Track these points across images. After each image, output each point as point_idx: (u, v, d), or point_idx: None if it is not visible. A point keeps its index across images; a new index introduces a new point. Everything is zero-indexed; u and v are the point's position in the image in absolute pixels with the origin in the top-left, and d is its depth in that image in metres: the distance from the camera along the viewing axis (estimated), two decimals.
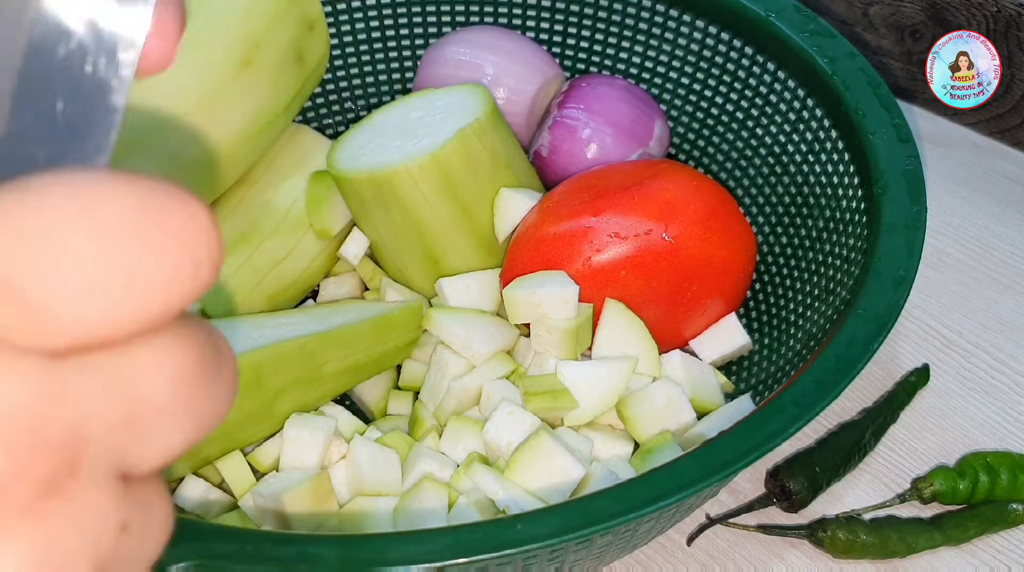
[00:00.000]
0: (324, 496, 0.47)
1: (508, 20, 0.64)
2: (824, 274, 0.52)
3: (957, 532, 0.51)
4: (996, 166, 0.71)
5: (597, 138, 0.58)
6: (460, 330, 0.51)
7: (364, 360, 0.52)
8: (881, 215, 0.47)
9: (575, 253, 0.51)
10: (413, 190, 0.51)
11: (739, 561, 0.51)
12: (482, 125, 0.52)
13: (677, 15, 0.60)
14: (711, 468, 0.38)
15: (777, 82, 0.57)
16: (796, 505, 0.52)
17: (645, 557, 0.51)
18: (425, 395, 0.53)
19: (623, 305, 0.51)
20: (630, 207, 0.51)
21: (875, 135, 0.50)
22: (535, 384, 0.49)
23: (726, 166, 0.60)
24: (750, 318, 0.57)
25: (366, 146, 0.54)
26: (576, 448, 0.48)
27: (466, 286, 0.54)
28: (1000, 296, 0.63)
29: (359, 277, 0.60)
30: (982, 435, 0.56)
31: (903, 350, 0.60)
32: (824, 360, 0.41)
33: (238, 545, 0.35)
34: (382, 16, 0.64)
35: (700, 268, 0.52)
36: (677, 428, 0.49)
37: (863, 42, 0.75)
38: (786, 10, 0.56)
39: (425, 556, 0.35)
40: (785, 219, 0.56)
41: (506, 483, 0.45)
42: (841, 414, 0.56)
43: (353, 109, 0.66)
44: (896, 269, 0.44)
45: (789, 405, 0.40)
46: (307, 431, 0.49)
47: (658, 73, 0.62)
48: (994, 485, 0.52)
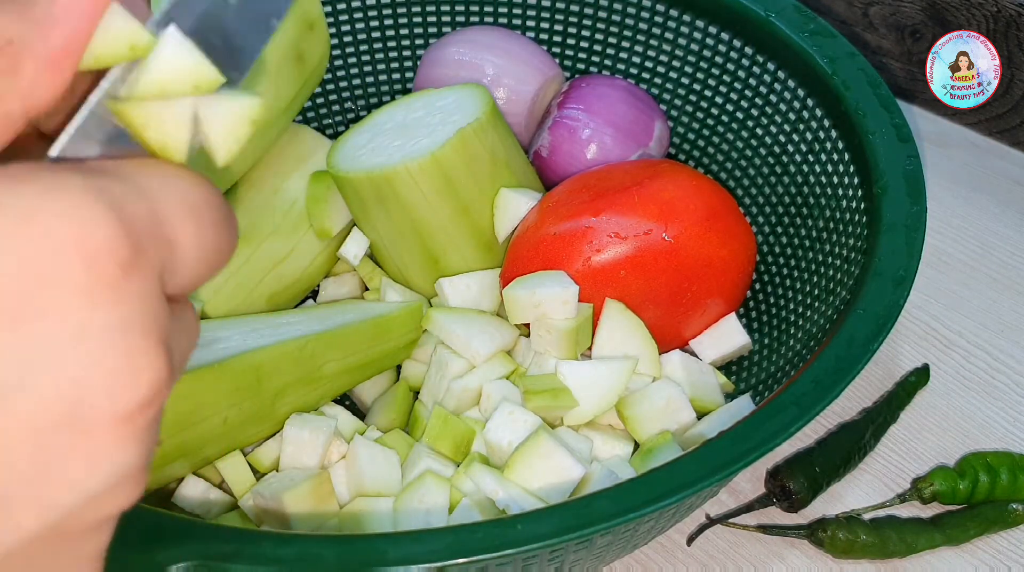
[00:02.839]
0: (324, 496, 0.47)
1: (508, 20, 0.64)
2: (824, 274, 0.52)
3: (957, 532, 0.51)
4: (996, 166, 0.71)
5: (597, 138, 0.58)
6: (460, 330, 0.51)
7: (364, 360, 0.52)
8: (881, 215, 0.47)
9: (575, 253, 0.51)
10: (413, 190, 0.51)
11: (739, 561, 0.51)
12: (482, 125, 0.52)
13: (677, 15, 0.60)
14: (711, 468, 0.38)
15: (777, 82, 0.57)
16: (796, 505, 0.52)
17: (645, 557, 0.51)
18: (425, 395, 0.53)
19: (623, 305, 0.51)
20: (630, 207, 0.51)
21: (875, 135, 0.50)
22: (535, 383, 0.49)
23: (726, 166, 0.60)
24: (750, 318, 0.57)
25: (366, 146, 0.54)
26: (576, 448, 0.48)
27: (466, 286, 0.54)
28: (1000, 296, 0.63)
29: (359, 277, 0.60)
30: (982, 435, 0.56)
31: (903, 350, 0.60)
32: (824, 360, 0.41)
33: (238, 545, 0.35)
34: (382, 16, 0.64)
35: (700, 268, 0.52)
36: (677, 428, 0.49)
37: (863, 42, 0.75)
38: (786, 10, 0.56)
39: (425, 556, 0.35)
40: (785, 219, 0.56)
41: (506, 483, 0.45)
42: (841, 414, 0.56)
43: (353, 109, 0.66)
44: (896, 269, 0.44)
45: (789, 405, 0.40)
46: (307, 431, 0.49)
47: (658, 73, 0.62)
48: (994, 485, 0.52)
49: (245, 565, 0.35)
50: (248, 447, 0.51)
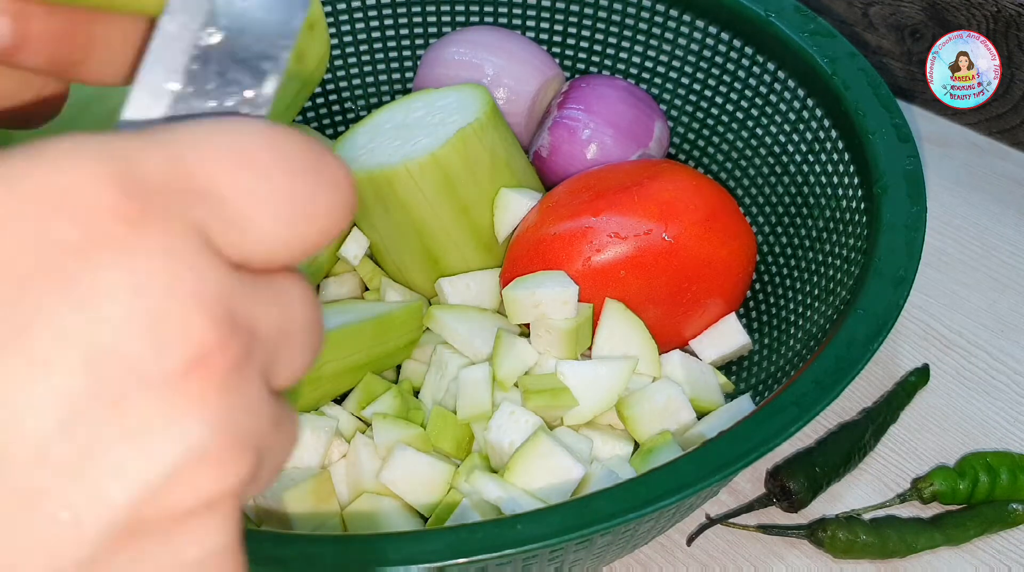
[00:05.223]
0: (325, 496, 0.47)
1: (508, 20, 0.64)
2: (824, 274, 0.52)
3: (957, 532, 0.51)
4: (996, 166, 0.71)
5: (597, 138, 0.58)
6: (463, 329, 0.51)
7: (364, 360, 0.52)
8: (881, 215, 0.47)
9: (575, 253, 0.51)
10: (413, 190, 0.51)
11: (739, 561, 0.51)
12: (482, 125, 0.52)
13: (677, 15, 0.60)
14: (711, 468, 0.38)
15: (777, 82, 0.57)
16: (796, 505, 0.52)
17: (645, 557, 0.51)
18: (425, 395, 0.53)
19: (623, 305, 0.51)
20: (630, 207, 0.51)
21: (875, 135, 0.50)
22: (535, 382, 0.49)
23: (726, 166, 0.60)
24: (750, 318, 0.57)
25: (366, 146, 0.54)
26: (576, 448, 0.48)
27: (466, 286, 0.54)
28: (1000, 296, 0.63)
29: (359, 277, 0.60)
30: (982, 435, 0.56)
31: (903, 350, 0.60)
32: (824, 360, 0.41)
33: None
34: (382, 16, 0.64)
35: (700, 268, 0.52)
36: (677, 428, 0.49)
37: (863, 42, 0.75)
38: (786, 10, 0.56)
39: (425, 556, 0.35)
40: (785, 219, 0.56)
41: (506, 483, 0.45)
42: (841, 414, 0.56)
43: (353, 109, 0.66)
44: (896, 269, 0.44)
45: (789, 405, 0.40)
46: (308, 431, 0.49)
47: (658, 73, 0.62)
48: (994, 485, 0.52)
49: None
50: None
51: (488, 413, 0.48)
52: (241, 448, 0.17)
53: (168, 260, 0.16)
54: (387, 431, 0.49)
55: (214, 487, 0.17)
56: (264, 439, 0.18)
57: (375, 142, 0.54)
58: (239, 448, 0.17)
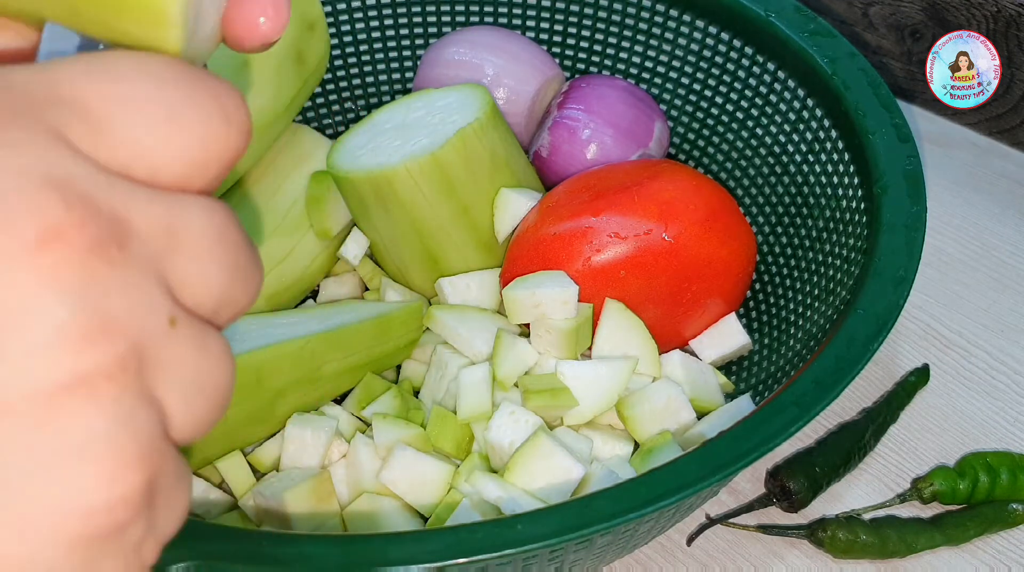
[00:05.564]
0: (325, 496, 0.47)
1: (508, 20, 0.64)
2: (824, 274, 0.52)
3: (957, 532, 0.51)
4: (996, 166, 0.71)
5: (597, 139, 0.58)
6: (463, 329, 0.51)
7: (364, 360, 0.52)
8: (881, 215, 0.47)
9: (575, 253, 0.51)
10: (413, 190, 0.51)
11: (739, 561, 0.51)
12: (482, 125, 0.52)
13: (677, 15, 0.60)
14: (711, 468, 0.38)
15: (777, 82, 0.57)
16: (796, 505, 0.52)
17: (645, 557, 0.51)
18: (425, 395, 0.53)
19: (623, 305, 0.51)
20: (630, 207, 0.51)
21: (875, 135, 0.50)
22: (535, 382, 0.49)
23: (726, 166, 0.60)
24: (750, 318, 0.57)
25: (366, 146, 0.54)
26: (576, 448, 0.48)
27: (466, 286, 0.54)
28: (1000, 296, 0.63)
29: (359, 277, 0.60)
30: (982, 435, 0.56)
31: (903, 350, 0.60)
32: (824, 360, 0.41)
33: (238, 545, 0.35)
34: (382, 16, 0.64)
35: (700, 268, 0.52)
36: (677, 428, 0.49)
37: (863, 42, 0.75)
38: (786, 10, 0.56)
39: (425, 556, 0.35)
40: (785, 219, 0.56)
41: (506, 484, 0.45)
42: (841, 414, 0.56)
43: (353, 109, 0.66)
44: (896, 269, 0.44)
45: (789, 405, 0.40)
46: (308, 431, 0.49)
47: (658, 73, 0.62)
48: (994, 485, 0.52)
49: (245, 565, 0.35)
50: (248, 447, 0.51)
51: (488, 413, 0.48)
52: (109, 330, 0.17)
53: (14, 149, 0.17)
54: (387, 431, 0.49)
55: (79, 365, 0.17)
56: (153, 339, 0.18)
57: (375, 142, 0.54)
58: (107, 330, 0.17)
